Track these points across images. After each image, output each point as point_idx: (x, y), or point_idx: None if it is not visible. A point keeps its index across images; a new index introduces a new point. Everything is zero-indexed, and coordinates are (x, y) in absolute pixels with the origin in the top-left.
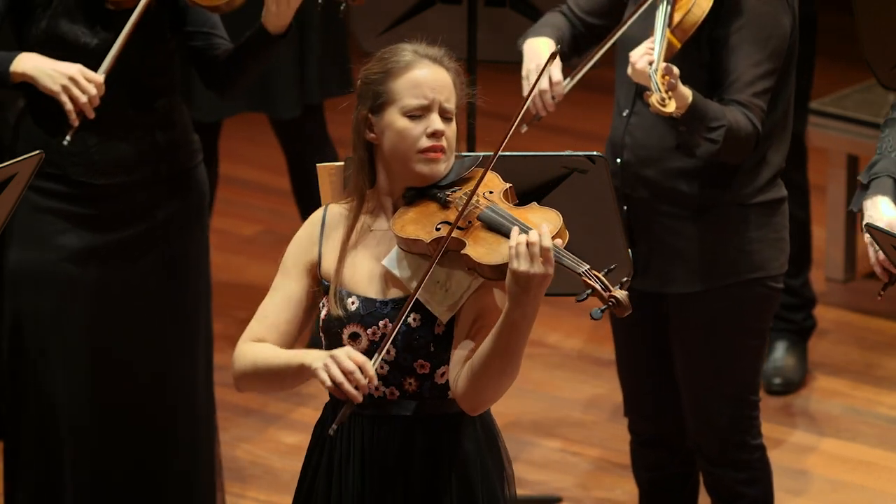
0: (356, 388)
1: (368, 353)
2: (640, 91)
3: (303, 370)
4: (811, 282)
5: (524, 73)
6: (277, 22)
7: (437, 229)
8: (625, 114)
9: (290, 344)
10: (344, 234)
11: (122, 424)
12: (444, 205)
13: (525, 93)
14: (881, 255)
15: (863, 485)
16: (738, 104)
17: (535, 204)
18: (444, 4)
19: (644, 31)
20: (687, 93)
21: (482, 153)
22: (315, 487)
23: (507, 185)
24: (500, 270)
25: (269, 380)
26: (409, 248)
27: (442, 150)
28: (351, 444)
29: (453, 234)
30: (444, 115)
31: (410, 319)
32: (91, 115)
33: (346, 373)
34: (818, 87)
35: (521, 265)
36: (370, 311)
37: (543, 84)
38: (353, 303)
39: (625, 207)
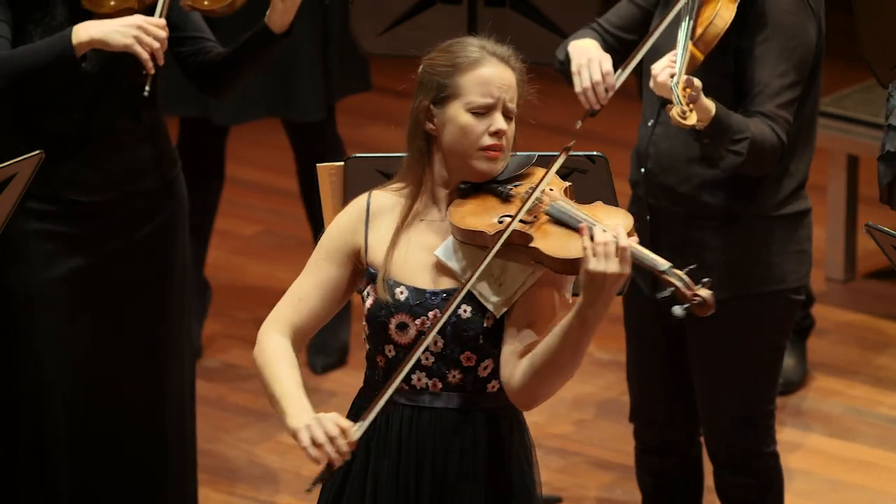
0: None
1: (415, 343)
2: (665, 102)
3: (283, 417)
4: (810, 281)
5: (575, 69)
6: (282, 20)
7: (500, 222)
8: (650, 124)
9: (317, 328)
10: (398, 222)
11: (117, 429)
12: (505, 199)
13: (577, 89)
14: None
15: (863, 485)
16: (762, 116)
17: (599, 203)
18: (444, 4)
19: (669, 42)
20: (710, 105)
21: (535, 153)
22: (350, 475)
23: (567, 183)
24: (572, 265)
25: (268, 395)
26: (469, 239)
27: (501, 148)
28: (388, 434)
29: (518, 229)
30: (507, 115)
31: (461, 310)
32: (162, 60)
33: (330, 437)
34: None
35: (599, 265)
36: (420, 302)
37: (596, 76)
38: (401, 292)
39: (648, 217)
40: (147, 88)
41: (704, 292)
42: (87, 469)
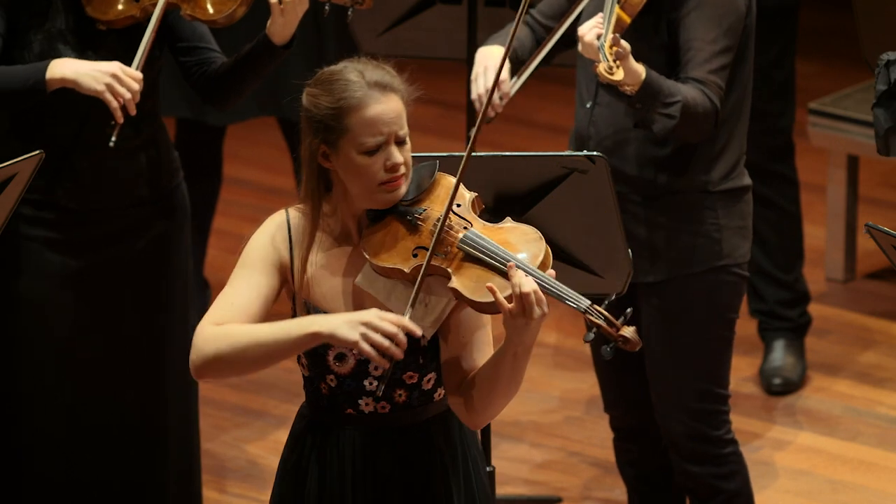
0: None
1: (357, 372)
2: (602, 84)
3: (315, 338)
4: (804, 278)
5: (473, 76)
6: (283, 32)
7: (415, 255)
8: (588, 105)
9: None
10: (303, 253)
11: (110, 443)
12: (413, 227)
13: (472, 95)
14: None
15: (863, 485)
16: (695, 81)
17: (508, 220)
18: (444, 4)
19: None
20: (640, 69)
21: (437, 154)
22: (305, 495)
23: (473, 194)
24: (489, 307)
25: (251, 360)
26: (388, 275)
27: (400, 178)
28: (342, 463)
29: (435, 262)
30: (400, 142)
31: None
32: (133, 111)
33: (389, 336)
34: (817, 87)
35: (518, 316)
36: None
37: (490, 85)
38: None
39: None
40: (114, 138)
41: (627, 331)
42: (82, 477)
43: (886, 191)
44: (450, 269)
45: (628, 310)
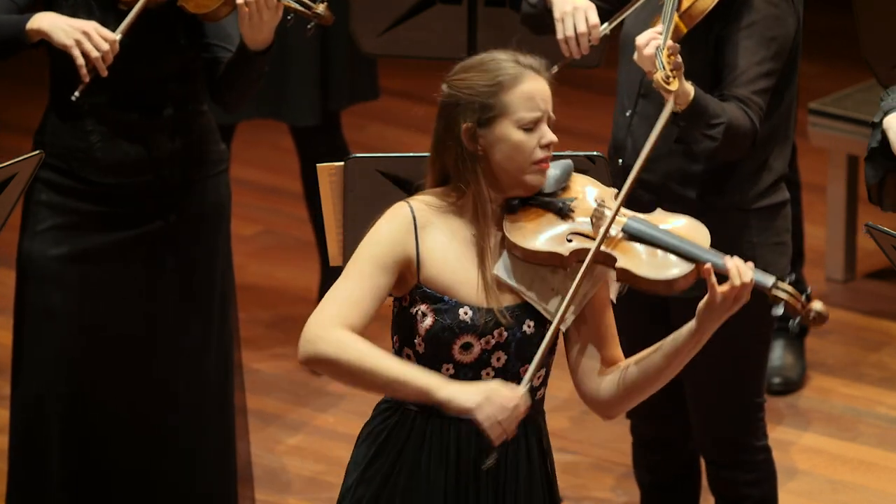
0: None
1: (478, 362)
2: (643, 92)
3: (428, 398)
4: (805, 278)
5: (558, 15)
6: (253, 36)
7: (569, 241)
8: (627, 114)
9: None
10: (477, 251)
11: (126, 425)
12: (564, 214)
13: (559, 36)
14: None
15: (863, 485)
16: (737, 100)
17: (660, 210)
18: (444, 4)
19: (646, 28)
20: (689, 89)
21: (569, 158)
22: (399, 493)
23: (614, 189)
24: (668, 286)
25: (361, 381)
26: (540, 260)
27: (549, 160)
28: (447, 452)
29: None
30: (550, 124)
31: (525, 327)
32: (104, 72)
33: (516, 415)
34: (818, 88)
35: (732, 306)
36: (486, 321)
37: (581, 27)
38: (465, 313)
39: None
40: (76, 94)
41: (817, 305)
42: (85, 467)
43: None
44: (615, 252)
45: (808, 288)
